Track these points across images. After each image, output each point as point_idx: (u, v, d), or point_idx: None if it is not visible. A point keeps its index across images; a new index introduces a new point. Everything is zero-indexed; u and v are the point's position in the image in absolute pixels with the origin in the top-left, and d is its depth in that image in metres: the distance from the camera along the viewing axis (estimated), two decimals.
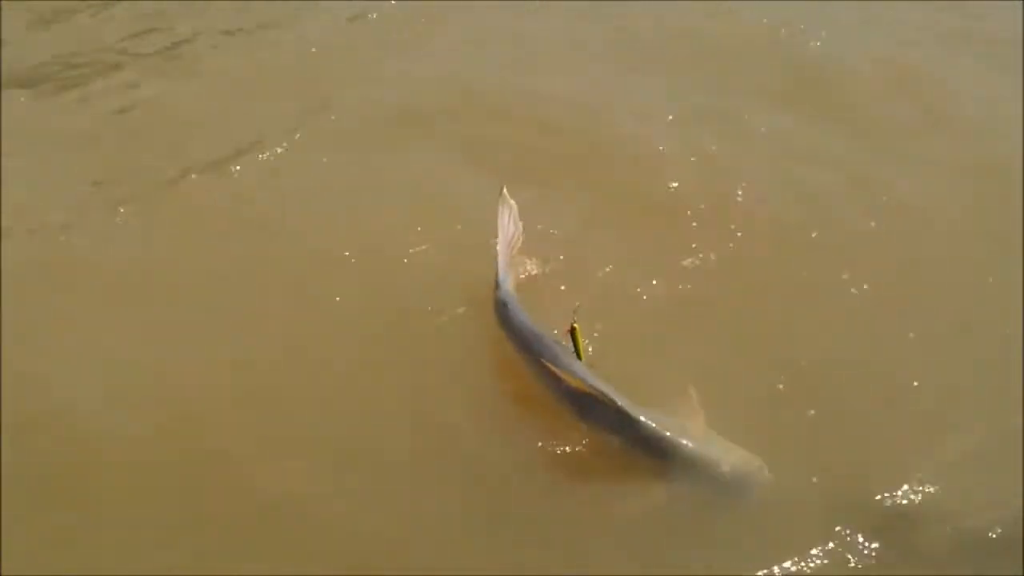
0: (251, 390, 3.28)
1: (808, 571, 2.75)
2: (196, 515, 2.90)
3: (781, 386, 3.28)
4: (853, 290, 3.68)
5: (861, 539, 2.83)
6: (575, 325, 2.99)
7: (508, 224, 3.39)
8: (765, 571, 2.73)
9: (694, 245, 3.81)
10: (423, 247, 3.75)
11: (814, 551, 2.79)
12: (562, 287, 3.55)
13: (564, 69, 5.15)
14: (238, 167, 4.34)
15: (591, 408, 2.87)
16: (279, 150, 4.47)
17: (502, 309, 3.21)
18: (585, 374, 2.93)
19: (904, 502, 2.93)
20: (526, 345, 3.09)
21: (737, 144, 4.52)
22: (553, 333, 3.13)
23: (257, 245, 3.89)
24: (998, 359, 3.40)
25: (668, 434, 2.80)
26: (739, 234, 3.92)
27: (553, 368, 2.92)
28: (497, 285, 3.27)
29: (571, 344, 3.03)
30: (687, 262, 3.72)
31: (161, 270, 3.82)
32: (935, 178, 4.28)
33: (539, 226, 3.74)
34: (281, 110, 4.81)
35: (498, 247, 3.35)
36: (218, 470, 3.00)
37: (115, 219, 4.07)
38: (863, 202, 4.14)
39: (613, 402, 2.80)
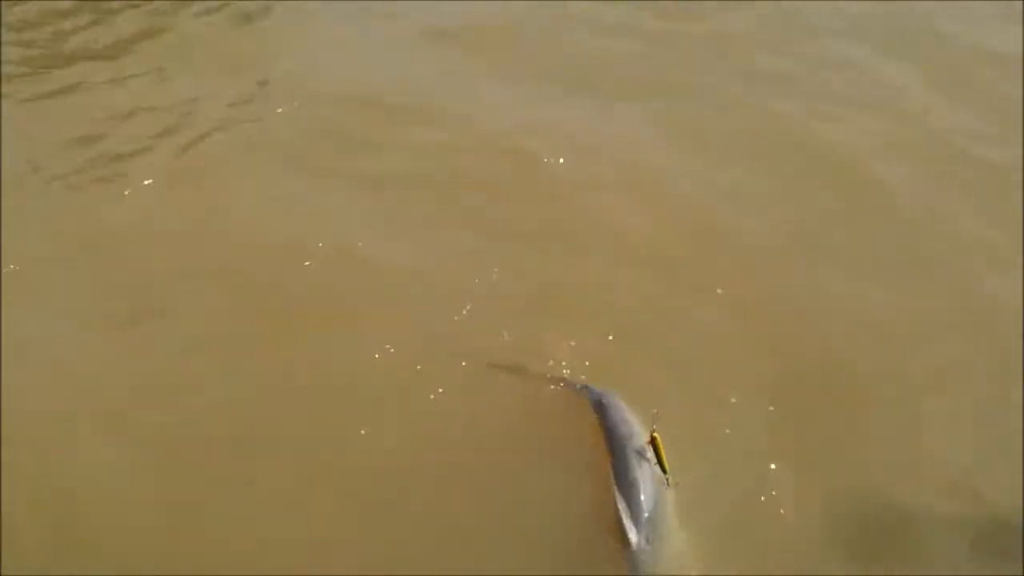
0: None
1: (807, 571, 2.74)
2: None
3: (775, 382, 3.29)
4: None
5: (860, 539, 2.83)
6: (655, 435, 2.90)
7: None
8: (765, 571, 2.74)
9: None
10: None
11: (814, 551, 2.79)
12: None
13: None
14: None
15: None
16: None
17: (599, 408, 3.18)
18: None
19: (903, 502, 2.93)
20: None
21: None
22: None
23: None
24: (998, 360, 3.42)
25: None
26: None
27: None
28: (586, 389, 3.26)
29: (652, 454, 2.92)
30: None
31: None
32: None
33: None
34: None
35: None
36: None
37: None
38: None
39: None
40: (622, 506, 2.77)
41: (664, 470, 2.87)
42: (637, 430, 3.01)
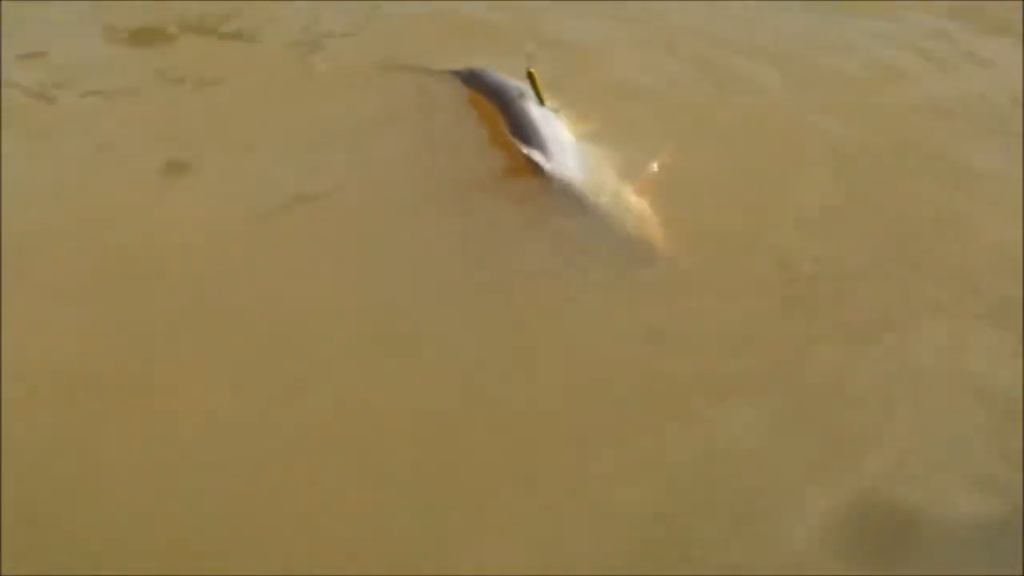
0: None
1: (806, 571, 2.29)
2: None
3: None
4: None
5: (860, 539, 2.42)
6: (531, 71, 3.14)
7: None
8: (763, 571, 2.28)
9: None
10: None
11: (812, 550, 2.35)
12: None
13: None
14: None
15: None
16: None
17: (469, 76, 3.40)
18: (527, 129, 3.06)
19: (903, 501, 2.54)
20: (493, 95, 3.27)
21: None
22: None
23: None
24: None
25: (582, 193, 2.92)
26: None
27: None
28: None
29: (531, 89, 3.16)
30: None
31: None
32: None
33: None
34: None
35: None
36: None
37: None
38: None
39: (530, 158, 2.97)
40: (527, 146, 2.95)
41: (541, 101, 3.14)
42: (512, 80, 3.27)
